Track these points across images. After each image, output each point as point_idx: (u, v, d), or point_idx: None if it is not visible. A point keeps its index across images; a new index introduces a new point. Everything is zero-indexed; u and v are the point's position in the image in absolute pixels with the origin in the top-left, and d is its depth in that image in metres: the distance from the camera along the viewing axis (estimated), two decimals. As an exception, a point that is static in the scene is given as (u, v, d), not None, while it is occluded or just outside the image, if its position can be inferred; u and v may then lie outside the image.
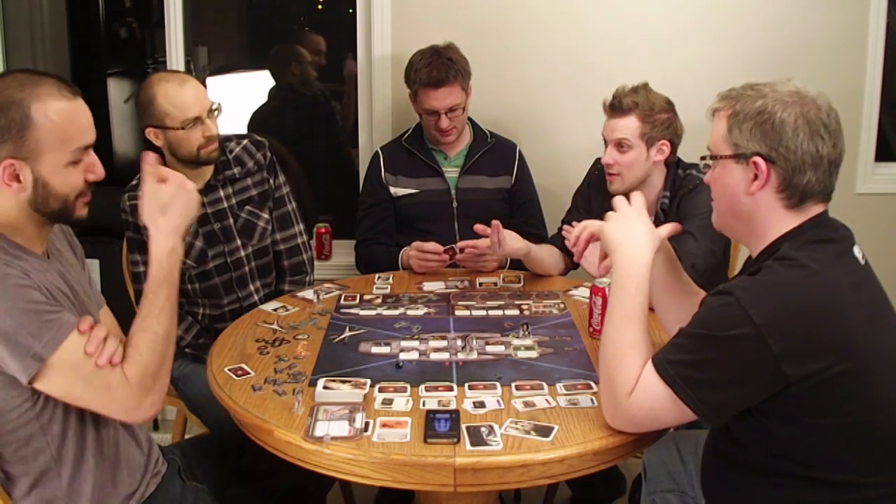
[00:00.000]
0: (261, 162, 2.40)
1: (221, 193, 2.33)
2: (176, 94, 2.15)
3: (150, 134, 2.20)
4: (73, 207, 1.48)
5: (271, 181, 2.41)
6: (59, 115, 1.42)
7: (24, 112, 1.39)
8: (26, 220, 1.46)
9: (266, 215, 2.40)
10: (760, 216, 1.44)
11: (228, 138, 2.35)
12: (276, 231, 2.44)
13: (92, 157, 1.50)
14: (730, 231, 1.56)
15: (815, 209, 1.43)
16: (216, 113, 2.23)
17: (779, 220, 1.43)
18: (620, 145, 2.27)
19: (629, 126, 2.26)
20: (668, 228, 1.67)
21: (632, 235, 1.58)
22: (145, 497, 1.62)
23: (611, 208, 1.68)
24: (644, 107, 2.26)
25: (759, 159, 1.40)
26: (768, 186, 1.41)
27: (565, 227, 2.38)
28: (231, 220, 2.33)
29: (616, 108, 2.27)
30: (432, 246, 2.48)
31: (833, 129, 1.40)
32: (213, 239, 2.31)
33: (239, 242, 2.35)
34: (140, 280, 2.27)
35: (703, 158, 1.53)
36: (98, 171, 1.50)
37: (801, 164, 1.38)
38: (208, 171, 2.30)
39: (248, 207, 2.37)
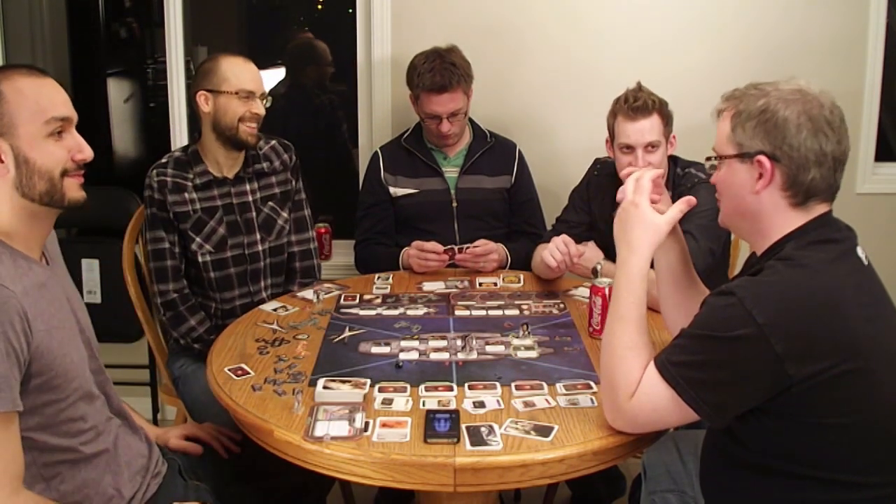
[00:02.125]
0: (287, 163, 2.47)
1: (248, 187, 2.39)
2: (240, 66, 2.29)
3: (201, 98, 2.28)
4: (62, 187, 1.46)
5: (294, 183, 2.49)
6: (29, 87, 1.43)
7: None
8: (20, 216, 1.45)
9: (286, 214, 2.46)
10: (766, 215, 1.44)
11: (257, 136, 2.37)
12: (292, 233, 2.49)
13: (77, 138, 1.49)
14: (736, 230, 1.56)
15: (819, 208, 1.43)
16: (266, 101, 2.33)
17: (784, 219, 1.43)
18: (651, 147, 2.25)
19: (655, 126, 2.24)
20: (680, 208, 1.59)
21: (625, 233, 1.56)
22: (147, 498, 1.62)
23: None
24: (660, 103, 2.26)
25: (763, 158, 1.40)
26: (773, 185, 1.41)
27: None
28: (254, 214, 2.39)
29: (640, 109, 2.23)
30: (432, 245, 2.49)
31: (837, 126, 1.40)
32: (234, 229, 2.36)
33: (258, 236, 2.39)
34: (160, 257, 2.30)
35: (708, 159, 1.52)
36: (86, 151, 1.49)
37: (805, 162, 1.38)
38: (240, 161, 2.37)
39: (270, 203, 2.43)
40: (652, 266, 1.82)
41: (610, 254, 1.77)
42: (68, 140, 1.47)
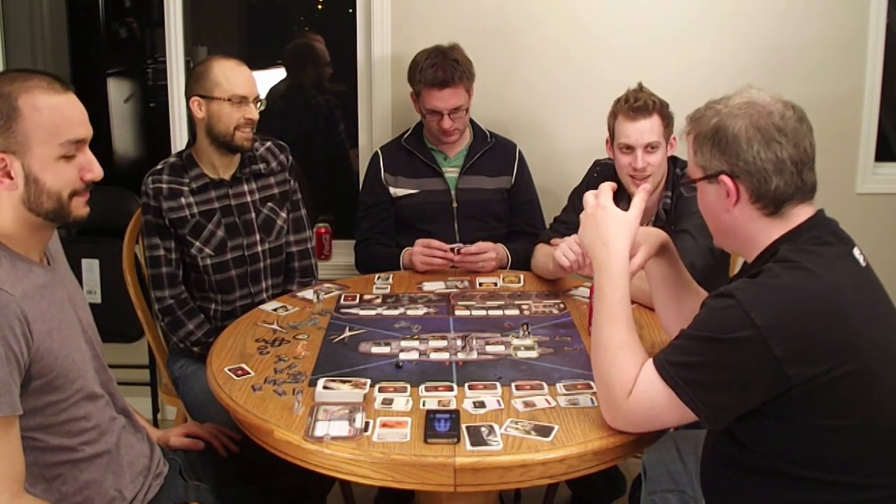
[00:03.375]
0: (284, 163, 2.47)
1: (246, 188, 2.39)
2: (232, 70, 2.26)
3: (195, 103, 2.27)
4: (69, 206, 1.45)
5: (291, 183, 2.49)
6: (48, 106, 1.40)
7: (12, 104, 1.38)
8: (22, 224, 1.44)
9: (284, 214, 2.46)
10: (744, 229, 1.45)
11: (252, 139, 2.37)
12: (290, 233, 2.49)
13: (88, 156, 1.47)
14: (727, 248, 1.58)
15: (799, 210, 1.43)
16: (260, 104, 2.31)
17: (764, 230, 1.43)
18: (650, 147, 2.25)
19: (656, 126, 2.24)
20: (641, 196, 1.58)
21: (598, 234, 1.56)
22: (149, 499, 1.62)
23: None
24: (661, 104, 2.26)
25: (724, 177, 1.42)
26: (742, 200, 1.42)
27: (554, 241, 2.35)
28: (253, 215, 2.38)
29: (641, 109, 2.23)
30: (439, 243, 2.48)
31: (791, 130, 1.40)
32: (233, 231, 2.35)
33: (258, 237, 2.39)
34: (156, 264, 2.30)
35: (684, 185, 1.54)
36: (95, 171, 1.47)
37: (764, 173, 1.39)
38: (236, 162, 2.36)
39: (269, 204, 2.42)
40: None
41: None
42: (80, 158, 1.46)
